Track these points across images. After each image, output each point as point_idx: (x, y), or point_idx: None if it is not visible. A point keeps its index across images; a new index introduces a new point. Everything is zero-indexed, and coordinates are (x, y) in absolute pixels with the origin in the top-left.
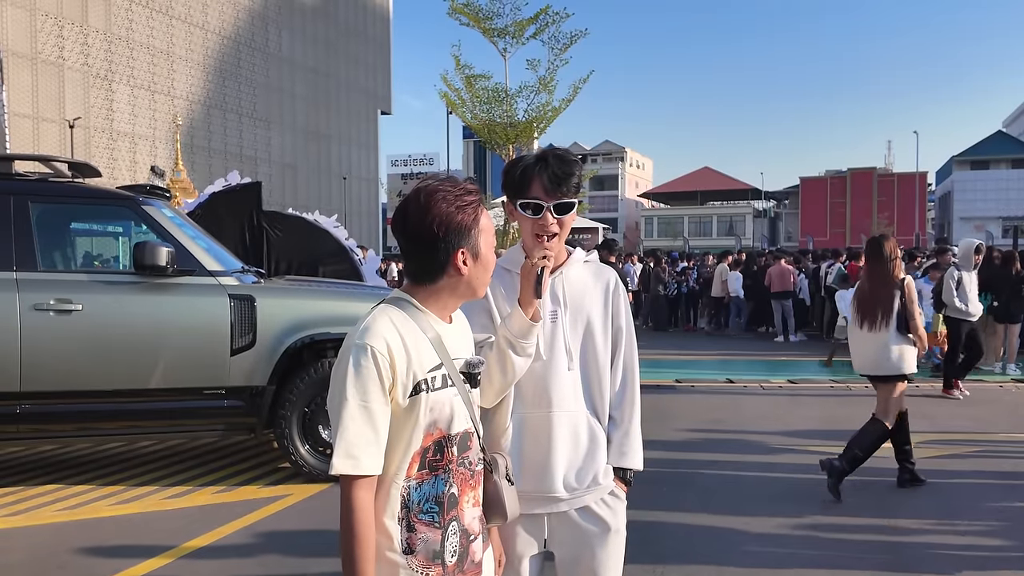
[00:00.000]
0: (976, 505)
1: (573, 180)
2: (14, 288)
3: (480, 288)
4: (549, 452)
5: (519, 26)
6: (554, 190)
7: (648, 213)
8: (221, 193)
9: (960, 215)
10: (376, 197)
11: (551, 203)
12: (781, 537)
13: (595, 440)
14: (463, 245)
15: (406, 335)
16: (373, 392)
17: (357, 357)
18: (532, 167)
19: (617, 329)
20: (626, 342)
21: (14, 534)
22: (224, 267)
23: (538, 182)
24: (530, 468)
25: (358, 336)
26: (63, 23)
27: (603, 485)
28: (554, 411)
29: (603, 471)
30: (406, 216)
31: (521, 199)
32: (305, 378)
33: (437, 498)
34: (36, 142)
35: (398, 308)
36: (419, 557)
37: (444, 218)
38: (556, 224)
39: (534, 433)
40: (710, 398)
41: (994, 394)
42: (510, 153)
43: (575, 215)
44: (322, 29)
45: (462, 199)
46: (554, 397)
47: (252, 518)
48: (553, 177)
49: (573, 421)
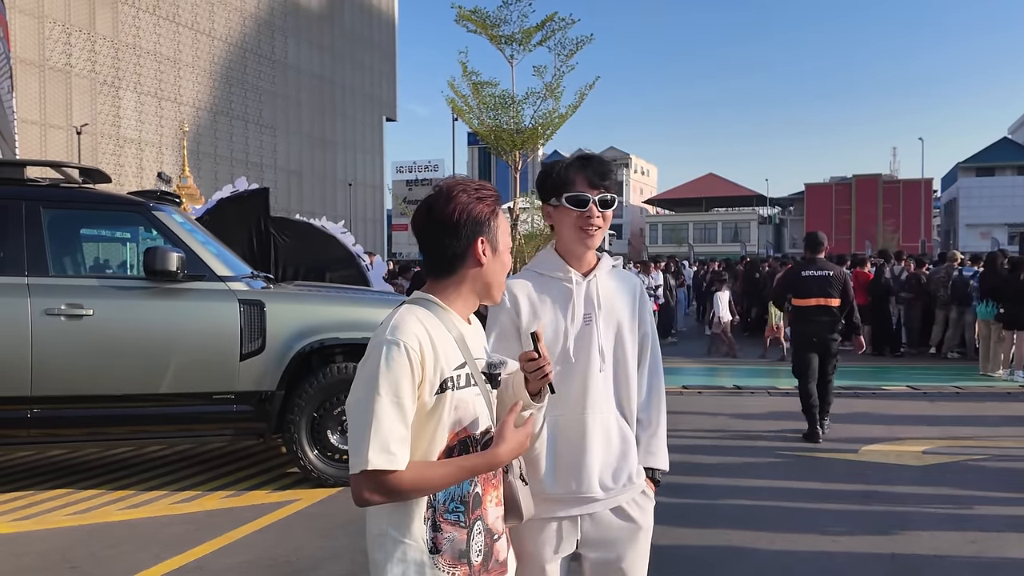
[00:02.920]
0: (985, 512)
1: (613, 176)
2: (25, 293)
3: (497, 288)
4: (584, 453)
5: (526, 33)
6: (598, 184)
7: (653, 219)
8: (229, 199)
9: (966, 222)
10: (381, 203)
11: (596, 196)
12: (787, 544)
13: (626, 441)
14: (483, 234)
15: (433, 332)
16: (405, 388)
17: (389, 353)
18: (574, 164)
19: (644, 335)
20: (652, 347)
21: (25, 538)
22: (234, 272)
23: (582, 176)
24: (565, 470)
25: (388, 332)
26: (71, 30)
27: (636, 484)
28: (588, 413)
29: (636, 471)
30: (429, 208)
31: (566, 193)
32: (314, 383)
33: (462, 497)
34: (44, 148)
35: (423, 307)
36: (445, 556)
37: (465, 206)
38: (600, 217)
39: (568, 435)
40: (717, 404)
41: (1002, 401)
42: (516, 159)
43: (612, 215)
44: (328, 36)
45: (481, 192)
46: (588, 399)
47: (260, 523)
48: (597, 172)
49: (605, 422)
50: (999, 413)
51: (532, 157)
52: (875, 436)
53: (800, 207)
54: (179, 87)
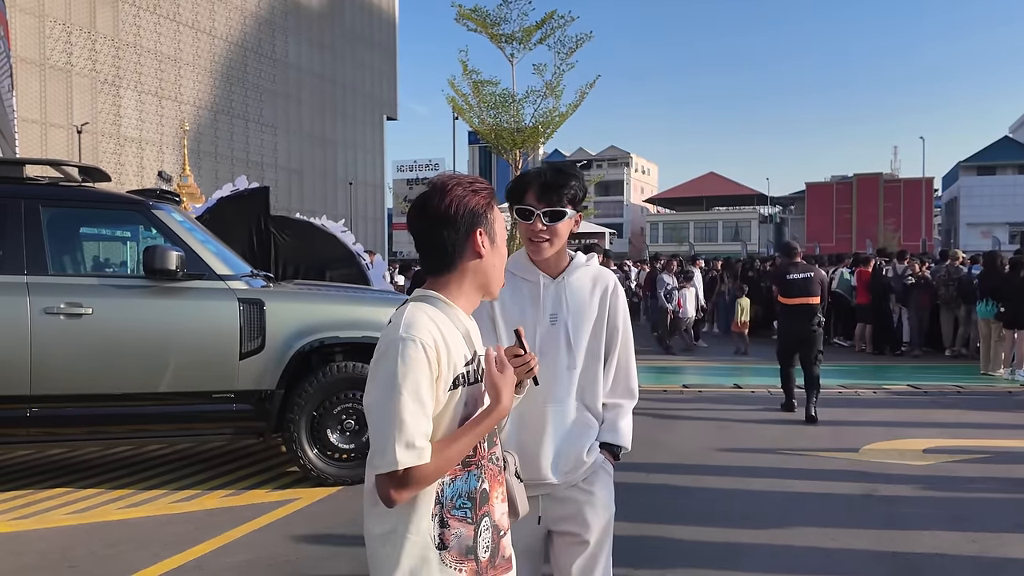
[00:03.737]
0: (987, 512)
1: (566, 190)
2: (24, 292)
3: (495, 281)
4: (541, 444)
5: (526, 32)
6: (544, 198)
7: (653, 218)
8: (229, 198)
9: (967, 221)
10: (382, 202)
11: (541, 210)
12: (788, 543)
13: (584, 427)
14: (481, 225)
15: (443, 329)
16: (424, 384)
17: (405, 350)
18: (528, 176)
19: (613, 329)
20: (622, 341)
21: (24, 537)
22: (233, 271)
23: (531, 190)
24: (525, 459)
25: (403, 330)
26: (71, 29)
27: (587, 464)
28: (549, 405)
29: (587, 451)
30: (424, 205)
31: (516, 205)
32: (314, 382)
33: (470, 494)
34: (44, 147)
35: (430, 304)
36: (453, 553)
37: (460, 199)
38: (546, 231)
39: (530, 426)
40: (717, 403)
41: (1003, 400)
42: (516, 158)
43: (573, 224)
44: (328, 35)
45: (475, 186)
46: (552, 393)
47: (260, 522)
48: (545, 186)
49: (565, 413)
50: (1000, 412)
51: (533, 156)
52: (876, 435)
53: (801, 206)
54: (180, 86)
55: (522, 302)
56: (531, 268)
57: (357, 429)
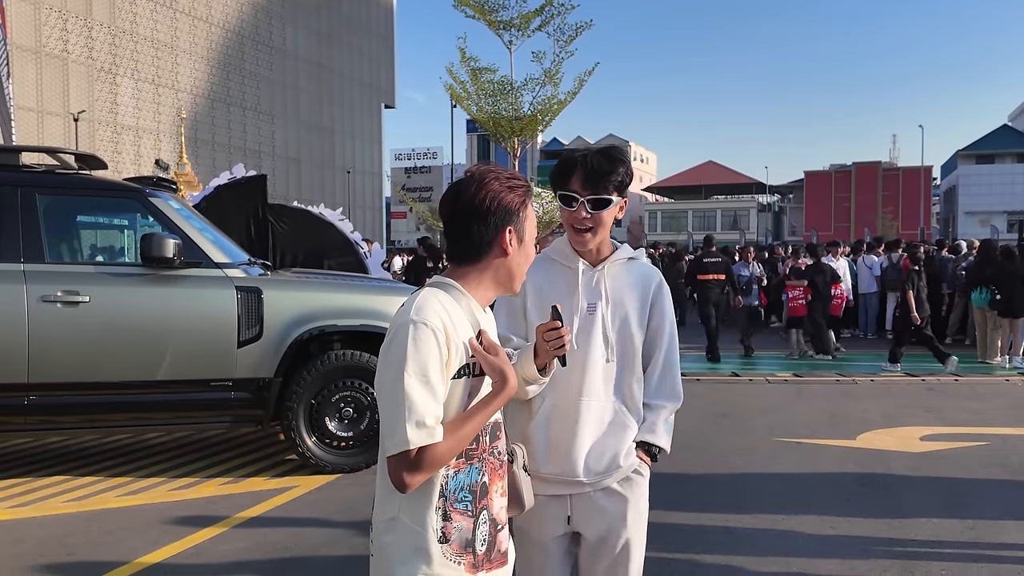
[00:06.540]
0: (984, 499)
1: (613, 176)
2: (22, 280)
3: (518, 279)
4: (574, 438)
5: (525, 18)
6: (590, 185)
7: (652, 207)
8: (227, 186)
9: (965, 209)
10: (380, 191)
11: (586, 197)
12: (786, 530)
13: (621, 427)
14: (511, 223)
15: (453, 316)
16: (433, 367)
17: (416, 332)
18: (573, 160)
19: (656, 327)
20: (667, 340)
21: (23, 524)
22: (231, 259)
23: (576, 175)
24: (556, 452)
25: (413, 313)
26: (67, 16)
27: (623, 467)
28: (583, 399)
29: (624, 453)
30: (458, 193)
31: (560, 191)
32: (312, 370)
33: (471, 487)
34: (40, 135)
35: (444, 291)
36: (453, 546)
37: (496, 195)
38: (590, 219)
39: (562, 419)
40: (715, 391)
41: (1000, 388)
42: (515, 146)
43: (618, 210)
44: (325, 22)
45: (512, 182)
46: (585, 386)
47: (259, 509)
48: (590, 172)
49: (601, 410)
50: (997, 399)
51: (531, 144)
52: (873, 422)
53: (799, 195)
54: (176, 74)
55: (558, 289)
56: (571, 255)
57: (355, 417)
